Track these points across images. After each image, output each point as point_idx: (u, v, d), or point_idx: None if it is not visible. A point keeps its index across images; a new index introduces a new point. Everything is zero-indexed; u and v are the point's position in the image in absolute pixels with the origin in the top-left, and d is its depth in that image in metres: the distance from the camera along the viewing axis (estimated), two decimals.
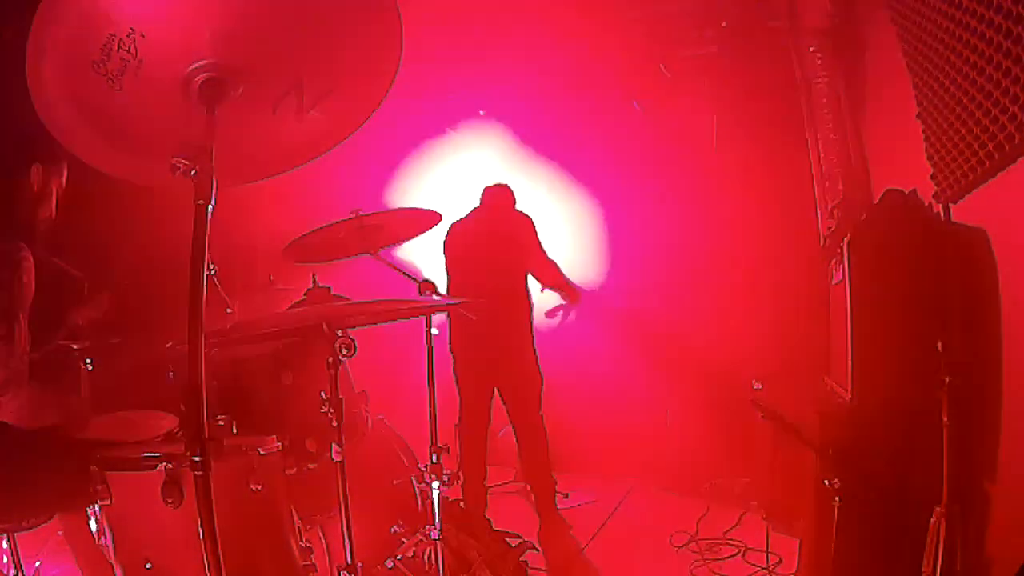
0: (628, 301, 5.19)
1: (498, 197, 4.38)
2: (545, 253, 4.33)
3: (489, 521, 3.55)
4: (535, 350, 4.31)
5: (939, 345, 2.19)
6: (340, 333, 1.91)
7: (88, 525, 1.98)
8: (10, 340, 1.91)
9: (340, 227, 2.92)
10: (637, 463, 5.03)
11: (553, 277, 4.34)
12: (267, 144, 1.51)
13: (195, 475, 1.22)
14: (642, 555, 3.82)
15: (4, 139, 2.11)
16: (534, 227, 4.31)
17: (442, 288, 4.15)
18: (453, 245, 4.33)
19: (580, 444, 5.24)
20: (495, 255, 4.20)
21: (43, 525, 2.13)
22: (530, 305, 4.34)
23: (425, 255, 4.40)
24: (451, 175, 5.59)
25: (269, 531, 1.94)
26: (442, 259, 4.37)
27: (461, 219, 4.35)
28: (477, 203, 4.41)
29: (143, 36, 1.23)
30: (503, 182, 4.46)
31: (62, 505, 2.10)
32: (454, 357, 4.32)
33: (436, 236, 4.29)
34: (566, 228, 5.46)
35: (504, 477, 5.07)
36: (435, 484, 2.65)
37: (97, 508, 1.85)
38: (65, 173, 2.26)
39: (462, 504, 3.95)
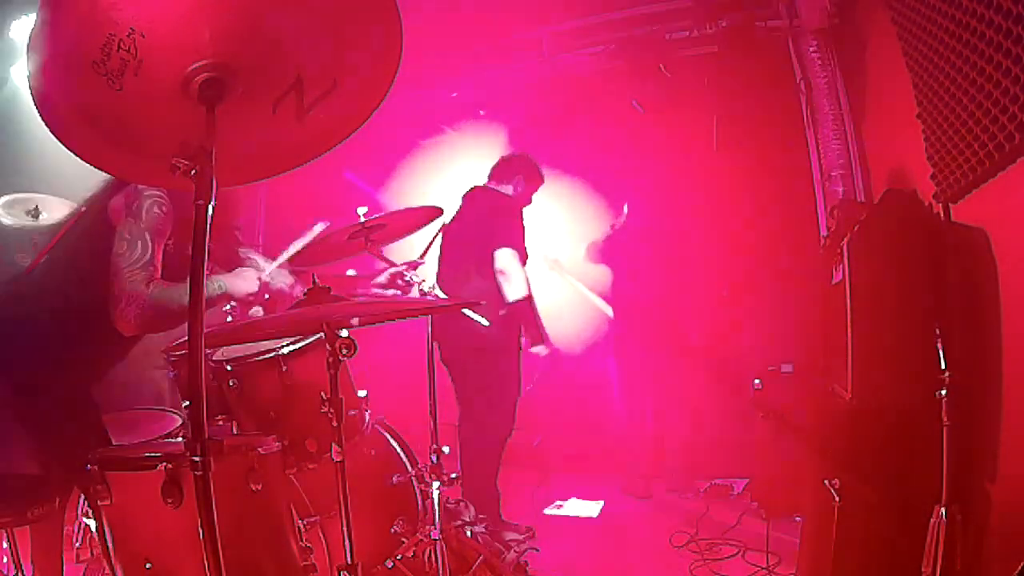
0: (627, 301, 5.19)
1: (476, 200, 4.25)
2: (516, 240, 4.00)
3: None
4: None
5: (939, 345, 2.19)
6: (340, 333, 1.91)
7: (59, 527, 1.98)
8: (131, 251, 2.06)
9: (343, 233, 2.92)
10: (636, 463, 5.02)
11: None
12: (267, 144, 1.51)
13: (195, 475, 1.22)
14: (642, 555, 3.82)
15: None
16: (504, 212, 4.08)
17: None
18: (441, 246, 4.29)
19: (579, 444, 5.24)
20: (471, 245, 4.07)
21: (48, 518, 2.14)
22: None
23: (425, 255, 4.39)
24: (450, 175, 5.59)
25: (269, 531, 1.93)
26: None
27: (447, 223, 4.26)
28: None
29: (143, 36, 1.23)
30: (480, 185, 4.30)
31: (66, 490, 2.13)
32: (439, 347, 4.26)
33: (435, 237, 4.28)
34: (564, 228, 5.46)
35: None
36: (435, 484, 2.65)
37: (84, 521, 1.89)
38: None
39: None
